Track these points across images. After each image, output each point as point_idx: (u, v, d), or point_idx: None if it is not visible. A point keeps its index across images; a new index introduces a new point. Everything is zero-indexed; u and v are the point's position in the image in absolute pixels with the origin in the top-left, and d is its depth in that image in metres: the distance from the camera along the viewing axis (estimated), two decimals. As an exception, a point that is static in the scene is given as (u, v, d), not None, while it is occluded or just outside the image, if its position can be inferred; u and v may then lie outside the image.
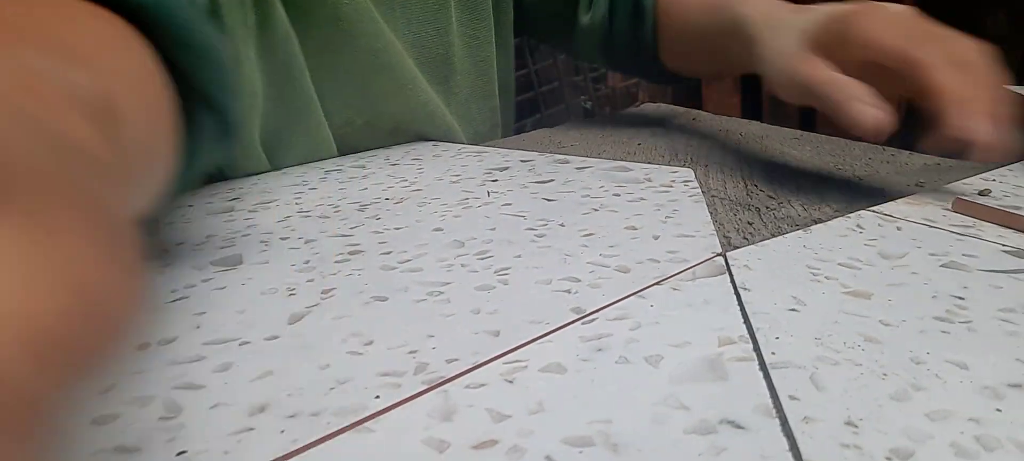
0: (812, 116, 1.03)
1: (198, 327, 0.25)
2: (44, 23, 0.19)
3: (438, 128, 0.58)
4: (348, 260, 0.31)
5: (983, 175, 0.40)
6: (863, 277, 0.26)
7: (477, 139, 0.60)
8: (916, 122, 0.34)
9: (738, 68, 0.44)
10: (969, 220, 0.32)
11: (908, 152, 0.49)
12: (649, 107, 0.71)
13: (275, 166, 0.49)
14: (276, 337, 0.24)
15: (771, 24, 0.41)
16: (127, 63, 0.22)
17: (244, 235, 0.35)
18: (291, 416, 0.19)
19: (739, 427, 0.18)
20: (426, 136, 0.58)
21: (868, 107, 0.32)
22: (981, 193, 0.36)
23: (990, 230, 0.31)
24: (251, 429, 0.19)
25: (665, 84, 0.59)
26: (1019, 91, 0.49)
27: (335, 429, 0.18)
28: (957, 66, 0.32)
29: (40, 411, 0.09)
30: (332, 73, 0.50)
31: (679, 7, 0.51)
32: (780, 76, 0.39)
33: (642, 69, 0.57)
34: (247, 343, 0.23)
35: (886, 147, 0.50)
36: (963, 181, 0.39)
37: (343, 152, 0.54)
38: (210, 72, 0.25)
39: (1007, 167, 0.42)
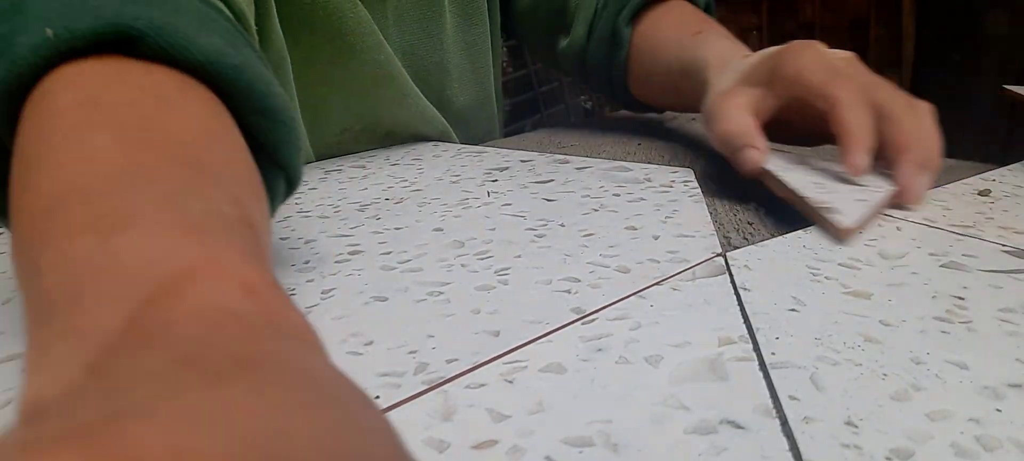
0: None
1: (198, 327, 0.25)
2: (169, 132, 0.19)
3: (435, 133, 0.58)
4: (348, 260, 0.31)
5: (983, 175, 0.40)
6: (863, 277, 0.26)
7: (473, 143, 0.60)
8: None
9: (692, 107, 0.45)
10: (969, 221, 0.32)
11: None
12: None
13: None
14: (276, 337, 0.24)
15: (720, 66, 0.42)
16: (242, 162, 0.21)
17: (244, 235, 0.35)
18: (291, 416, 0.19)
19: (739, 427, 0.18)
20: (423, 139, 0.58)
21: (752, 152, 0.35)
22: (980, 193, 0.36)
23: (990, 230, 0.31)
24: (251, 429, 0.19)
25: (634, 111, 0.61)
26: (1016, 90, 0.49)
27: (335, 429, 0.18)
28: (874, 110, 0.33)
29: None
30: (334, 85, 0.51)
31: (652, 43, 0.52)
32: (703, 114, 0.41)
33: (613, 94, 0.57)
34: (247, 343, 0.23)
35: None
36: (963, 181, 0.39)
37: (338, 155, 0.55)
38: (281, 133, 0.24)
39: (1007, 167, 0.42)
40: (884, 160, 0.34)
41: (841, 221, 0.30)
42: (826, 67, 0.35)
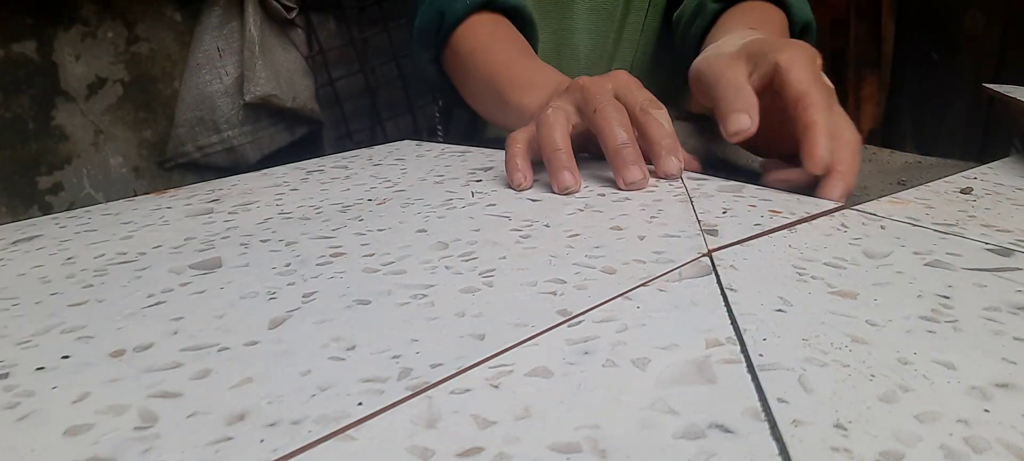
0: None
1: (175, 332, 0.24)
2: (516, 41, 0.60)
3: None
4: (330, 262, 0.30)
5: (964, 173, 0.40)
6: (848, 277, 0.26)
7: None
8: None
9: None
10: (952, 219, 0.32)
11: (890, 151, 0.49)
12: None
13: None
14: (256, 342, 0.23)
15: (728, 36, 0.46)
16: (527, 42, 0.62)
17: (223, 237, 0.35)
18: (271, 424, 0.19)
19: (728, 431, 0.17)
20: None
21: (743, 116, 0.37)
22: (963, 191, 0.37)
23: (973, 228, 0.31)
24: (230, 438, 0.18)
25: None
26: (995, 89, 0.49)
27: (316, 437, 0.18)
28: (833, 123, 0.37)
29: None
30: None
31: (724, 24, 0.57)
32: (701, 63, 0.44)
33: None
34: (226, 349, 0.23)
35: (867, 146, 0.50)
36: (945, 179, 0.39)
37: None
38: (532, 32, 0.63)
39: (988, 165, 0.42)
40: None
41: None
42: (809, 71, 0.37)
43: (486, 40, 0.55)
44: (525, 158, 0.41)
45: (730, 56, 0.41)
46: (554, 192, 0.39)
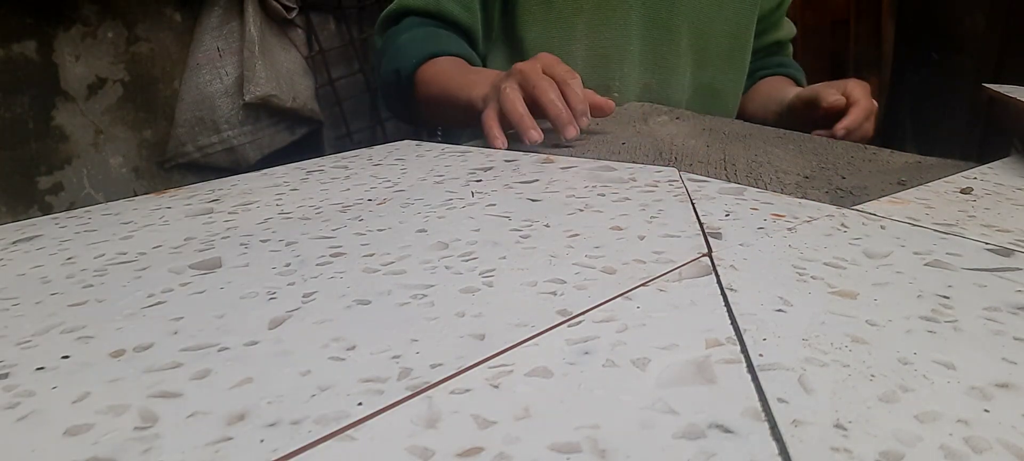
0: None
1: (175, 333, 0.24)
2: (461, 67, 0.71)
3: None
4: (330, 262, 0.30)
5: (964, 173, 0.40)
6: (848, 276, 0.26)
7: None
8: None
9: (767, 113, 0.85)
10: (952, 219, 0.32)
11: (890, 151, 0.49)
12: (633, 106, 0.71)
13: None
14: (256, 343, 0.23)
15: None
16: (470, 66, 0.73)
17: (224, 237, 0.35)
18: (271, 425, 0.19)
19: (728, 431, 0.17)
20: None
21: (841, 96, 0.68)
22: (963, 191, 0.37)
23: (973, 228, 0.31)
24: (230, 439, 0.18)
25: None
26: (995, 89, 0.49)
27: (316, 438, 0.18)
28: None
29: None
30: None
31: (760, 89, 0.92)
32: (802, 95, 0.74)
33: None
34: (226, 349, 0.23)
35: (867, 146, 0.50)
36: (945, 179, 0.39)
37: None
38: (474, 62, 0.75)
39: (988, 165, 0.42)
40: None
41: None
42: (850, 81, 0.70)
43: (431, 74, 0.71)
44: (500, 127, 0.55)
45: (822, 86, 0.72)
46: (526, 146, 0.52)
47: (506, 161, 0.47)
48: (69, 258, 0.33)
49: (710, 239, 0.31)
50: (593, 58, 0.78)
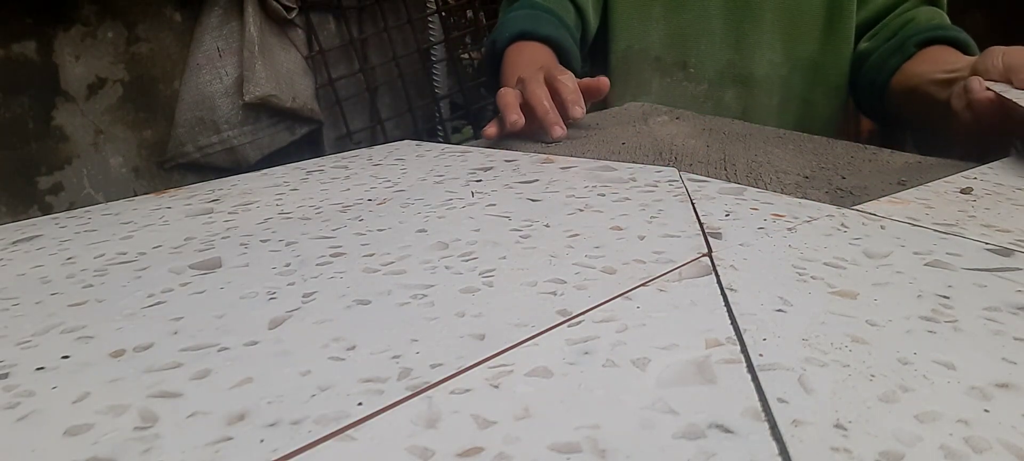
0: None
1: (175, 333, 0.24)
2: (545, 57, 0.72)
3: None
4: (330, 262, 0.30)
5: (964, 173, 0.40)
6: (848, 276, 0.26)
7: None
8: None
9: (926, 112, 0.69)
10: (952, 219, 0.32)
11: (890, 151, 0.49)
12: (633, 106, 0.71)
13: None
14: (256, 342, 0.23)
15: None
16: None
17: (223, 237, 0.35)
18: (271, 425, 0.19)
19: (728, 431, 0.17)
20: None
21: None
22: (963, 191, 0.37)
23: (973, 228, 0.31)
24: (230, 439, 0.18)
25: (875, 118, 0.82)
26: (996, 88, 0.49)
27: (316, 438, 0.18)
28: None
29: None
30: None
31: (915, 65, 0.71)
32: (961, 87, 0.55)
33: (872, 94, 0.76)
34: (226, 349, 0.23)
35: (867, 146, 0.50)
36: (945, 179, 0.39)
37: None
38: (568, 58, 0.73)
39: (988, 165, 0.42)
40: None
41: None
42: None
43: (513, 54, 0.73)
44: (519, 109, 0.55)
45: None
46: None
47: (506, 161, 0.47)
48: (69, 258, 0.33)
49: (710, 239, 0.31)
50: (670, 35, 0.78)
